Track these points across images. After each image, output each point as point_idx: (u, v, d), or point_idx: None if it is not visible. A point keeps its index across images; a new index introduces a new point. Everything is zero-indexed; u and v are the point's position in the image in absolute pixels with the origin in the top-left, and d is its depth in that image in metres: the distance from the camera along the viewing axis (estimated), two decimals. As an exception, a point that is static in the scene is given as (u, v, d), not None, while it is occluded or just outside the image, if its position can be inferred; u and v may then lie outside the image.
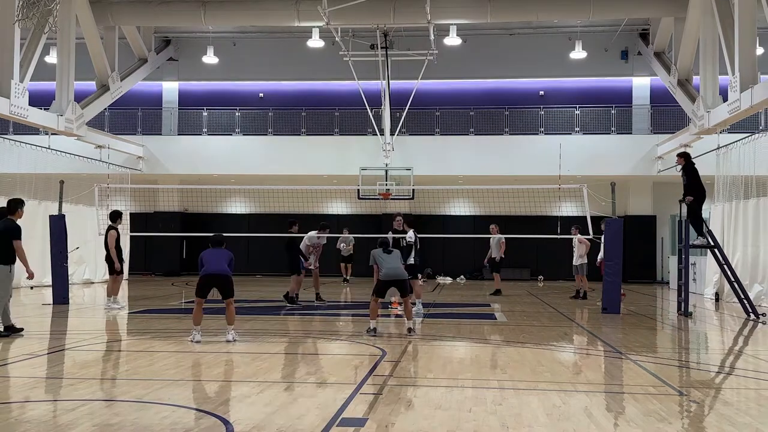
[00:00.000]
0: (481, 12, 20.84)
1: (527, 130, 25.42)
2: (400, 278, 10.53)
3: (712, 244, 14.23)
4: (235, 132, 26.48)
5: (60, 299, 15.06)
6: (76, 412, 5.75)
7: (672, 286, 20.90)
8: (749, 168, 17.23)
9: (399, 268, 10.58)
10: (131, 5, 22.43)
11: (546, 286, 23.57)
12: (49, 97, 19.80)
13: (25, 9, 15.64)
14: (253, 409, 5.98)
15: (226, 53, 26.80)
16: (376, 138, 23.96)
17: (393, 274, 10.48)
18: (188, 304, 16.13)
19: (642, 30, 25.36)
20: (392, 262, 10.56)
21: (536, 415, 5.84)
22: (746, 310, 13.62)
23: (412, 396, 6.50)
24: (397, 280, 10.51)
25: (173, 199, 25.51)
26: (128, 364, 8.42)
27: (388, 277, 10.49)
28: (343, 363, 8.65)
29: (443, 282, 25.44)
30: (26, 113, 17.18)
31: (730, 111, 15.73)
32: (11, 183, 21.09)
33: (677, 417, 5.95)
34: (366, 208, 26.89)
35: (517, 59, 26.33)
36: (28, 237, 19.99)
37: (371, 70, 23.67)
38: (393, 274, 10.48)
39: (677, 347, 10.50)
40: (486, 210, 24.25)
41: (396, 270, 10.52)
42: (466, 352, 9.51)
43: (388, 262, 10.57)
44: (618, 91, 26.34)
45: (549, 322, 13.06)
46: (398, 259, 10.71)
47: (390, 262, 10.57)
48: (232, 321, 9.99)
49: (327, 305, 15.52)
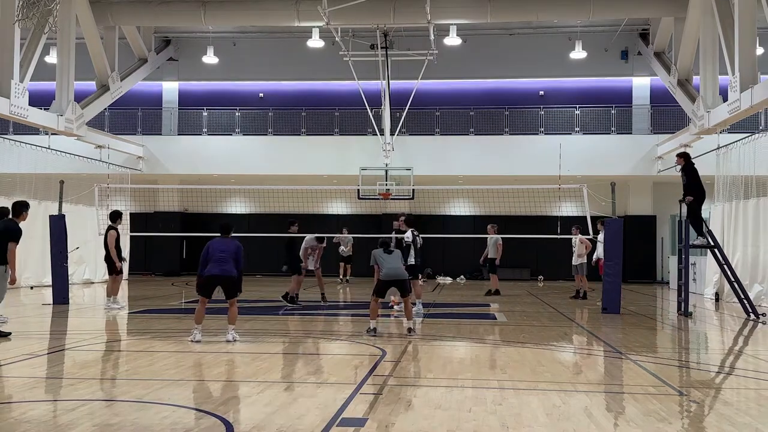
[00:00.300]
0: (481, 12, 20.84)
1: (527, 130, 25.42)
2: (400, 278, 10.54)
3: (712, 244, 14.23)
4: (235, 132, 26.49)
5: (60, 299, 15.07)
6: (76, 412, 5.75)
7: (672, 286, 20.90)
8: (749, 168, 17.22)
9: (399, 268, 10.59)
10: (131, 5, 22.43)
11: (546, 286, 23.57)
12: (49, 97, 19.81)
13: (25, 9, 15.64)
14: (253, 409, 5.98)
15: (226, 53, 26.80)
16: (376, 138, 23.96)
17: (393, 274, 10.49)
18: (188, 304, 16.14)
19: (642, 30, 25.36)
20: (393, 262, 10.56)
21: (536, 415, 5.84)
22: (746, 310, 13.62)
23: (412, 396, 6.50)
24: (397, 280, 10.52)
25: (173, 199, 25.52)
26: (128, 364, 8.42)
27: (389, 277, 10.50)
28: (343, 363, 8.65)
29: (443, 282, 25.45)
30: (26, 113, 17.18)
31: (730, 111, 15.73)
32: (11, 183, 21.10)
33: (677, 417, 5.95)
34: (366, 208, 26.90)
35: (517, 59, 26.33)
36: (28, 237, 19.98)
37: (371, 70, 23.67)
38: (393, 274, 10.49)
39: (677, 347, 10.50)
40: (486, 210, 24.25)
41: (396, 270, 10.53)
42: (466, 352, 9.51)
43: (388, 262, 10.57)
44: (618, 91, 26.34)
45: (549, 322, 13.06)
46: (399, 259, 10.71)
47: (390, 262, 10.58)
48: (234, 321, 9.97)
49: (327, 305, 15.52)
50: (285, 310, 14.36)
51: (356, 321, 12.91)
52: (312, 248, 15.65)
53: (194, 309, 10.08)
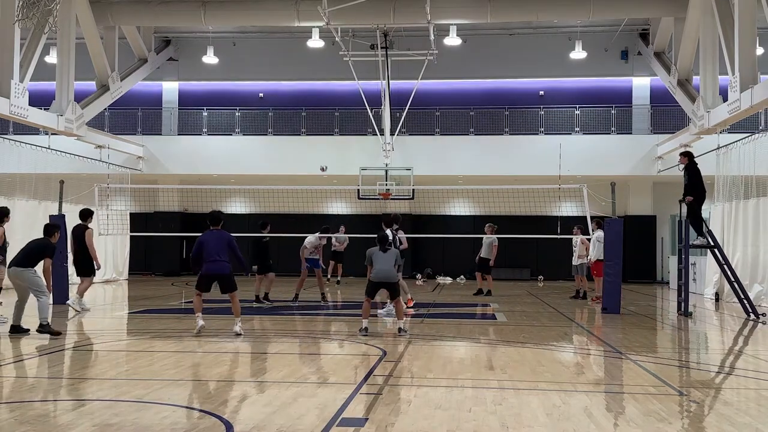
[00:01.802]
0: (481, 12, 20.84)
1: (527, 130, 25.41)
2: (389, 281, 10.50)
3: (712, 244, 14.23)
4: (235, 132, 26.47)
5: (60, 299, 15.06)
6: (76, 412, 5.76)
7: (672, 286, 20.89)
8: (749, 168, 17.22)
9: (390, 271, 10.47)
10: (131, 5, 22.43)
11: (546, 286, 23.56)
12: (49, 97, 19.80)
13: (25, 9, 15.62)
14: (253, 409, 5.98)
15: (226, 53, 26.79)
16: (376, 138, 23.96)
17: (383, 276, 10.44)
18: (188, 304, 16.13)
19: (642, 30, 25.36)
20: (384, 264, 10.44)
21: (536, 415, 5.84)
22: (746, 310, 13.61)
23: (412, 396, 6.50)
24: (386, 282, 10.49)
25: (173, 199, 25.51)
26: (128, 364, 8.42)
27: (377, 279, 10.47)
28: (343, 363, 8.64)
29: (443, 282, 25.44)
30: (26, 113, 17.17)
31: (730, 111, 15.72)
32: (11, 183, 21.10)
33: (677, 417, 5.95)
34: (366, 208, 26.87)
35: (517, 59, 26.32)
36: (28, 237, 20.07)
37: (371, 70, 23.67)
38: (383, 276, 10.44)
39: (677, 347, 10.50)
40: (486, 210, 24.23)
41: (386, 272, 10.44)
42: (466, 352, 9.51)
43: (380, 262, 10.46)
44: (618, 91, 26.33)
45: (549, 322, 13.06)
46: (392, 259, 10.56)
47: (382, 263, 10.46)
48: (238, 313, 10.21)
49: (326, 305, 15.52)
50: (261, 310, 14.19)
51: (357, 321, 12.90)
52: (316, 247, 15.68)
53: (194, 309, 10.25)
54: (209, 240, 10.15)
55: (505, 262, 25.98)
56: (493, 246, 18.26)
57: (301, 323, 12.74)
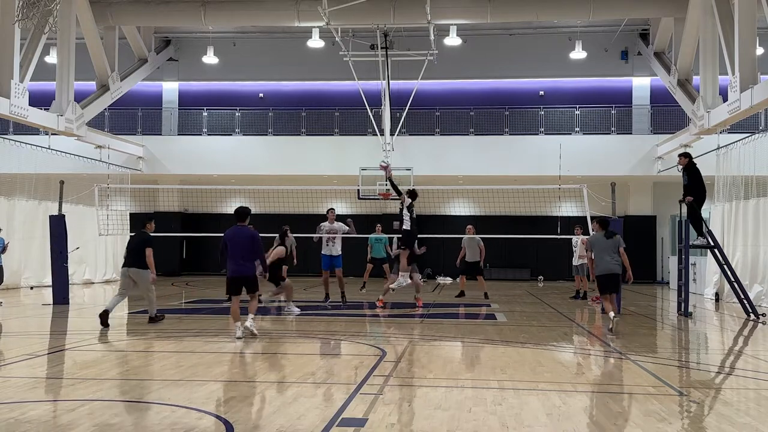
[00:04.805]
0: (481, 12, 20.85)
1: (527, 131, 25.41)
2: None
3: (712, 244, 14.23)
4: (235, 132, 26.48)
5: (60, 299, 15.07)
6: (76, 412, 5.75)
7: (672, 286, 20.90)
8: (749, 168, 17.22)
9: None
10: (131, 5, 22.43)
11: (546, 286, 23.56)
12: (49, 97, 19.79)
13: (25, 9, 15.64)
14: (253, 409, 5.99)
15: (226, 53, 26.79)
16: (376, 138, 23.94)
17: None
18: (188, 304, 16.15)
19: (642, 30, 25.36)
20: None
21: (536, 415, 5.84)
22: (746, 310, 13.61)
23: (412, 396, 6.50)
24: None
25: (173, 199, 25.50)
26: (128, 364, 8.43)
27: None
28: (343, 363, 8.65)
29: (443, 282, 25.43)
30: (26, 113, 17.18)
31: (730, 111, 15.72)
32: (11, 183, 21.10)
33: (677, 417, 5.95)
34: (366, 208, 26.88)
35: (517, 59, 26.33)
36: (29, 237, 20.19)
37: (371, 70, 23.65)
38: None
39: (677, 347, 10.50)
40: (486, 210, 24.23)
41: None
42: (466, 352, 9.51)
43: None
44: (618, 91, 26.33)
45: (549, 322, 13.06)
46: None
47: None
48: (253, 311, 10.46)
49: (329, 305, 15.50)
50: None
51: (356, 321, 12.91)
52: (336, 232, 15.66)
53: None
54: (233, 238, 10.23)
55: (506, 262, 25.99)
56: (480, 248, 18.22)
57: (301, 323, 12.73)
